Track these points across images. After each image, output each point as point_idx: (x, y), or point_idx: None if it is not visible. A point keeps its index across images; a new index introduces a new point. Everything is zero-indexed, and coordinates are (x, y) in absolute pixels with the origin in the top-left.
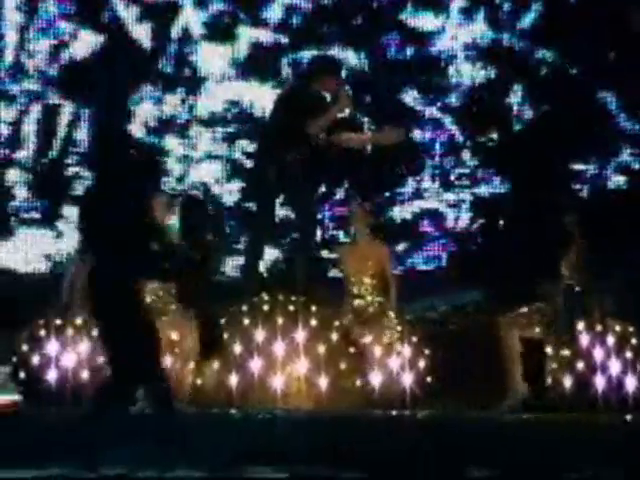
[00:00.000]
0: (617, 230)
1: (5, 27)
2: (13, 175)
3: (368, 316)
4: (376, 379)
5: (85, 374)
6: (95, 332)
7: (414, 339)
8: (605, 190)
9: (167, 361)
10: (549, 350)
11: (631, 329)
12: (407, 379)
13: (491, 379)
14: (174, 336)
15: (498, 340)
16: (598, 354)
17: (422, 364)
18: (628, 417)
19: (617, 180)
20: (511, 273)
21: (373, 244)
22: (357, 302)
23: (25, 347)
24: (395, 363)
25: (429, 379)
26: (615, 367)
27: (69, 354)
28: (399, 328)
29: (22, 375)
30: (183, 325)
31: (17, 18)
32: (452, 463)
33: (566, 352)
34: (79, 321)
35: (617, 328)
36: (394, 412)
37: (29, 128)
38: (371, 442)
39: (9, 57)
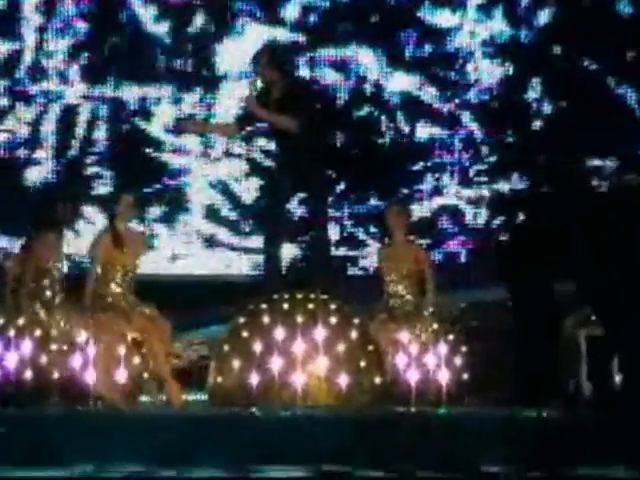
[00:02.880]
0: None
1: (24, 28)
2: (32, 175)
3: (403, 314)
4: (412, 377)
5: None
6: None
7: (450, 337)
8: (624, 186)
9: None
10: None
11: None
12: (443, 377)
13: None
14: None
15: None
16: None
17: (459, 362)
18: None
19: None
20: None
21: (410, 243)
22: (392, 301)
23: None
24: (430, 361)
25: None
26: None
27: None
28: (435, 326)
29: None
30: None
31: (36, 18)
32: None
33: None
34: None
35: None
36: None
37: (48, 128)
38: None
39: (28, 58)
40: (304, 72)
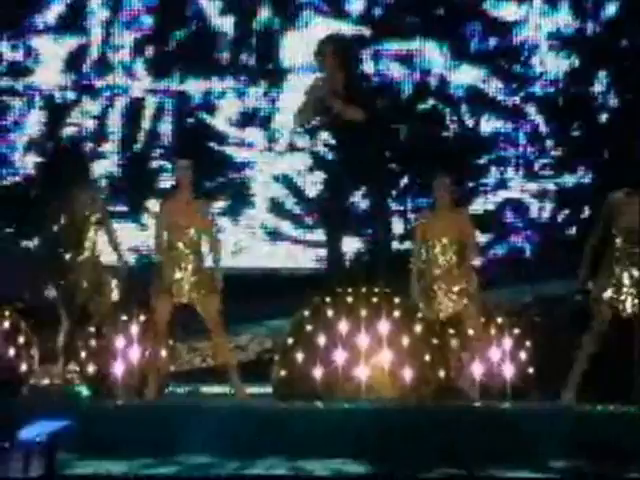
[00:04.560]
0: None
1: (91, 21)
2: (99, 168)
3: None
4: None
5: None
6: None
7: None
8: None
9: None
10: None
11: None
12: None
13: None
14: None
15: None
16: None
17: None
18: None
19: None
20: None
21: (455, 211)
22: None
23: None
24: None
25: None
26: None
27: None
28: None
29: None
30: None
31: (102, 12)
32: None
33: None
34: None
35: None
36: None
37: (114, 121)
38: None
39: (94, 52)
40: (368, 65)
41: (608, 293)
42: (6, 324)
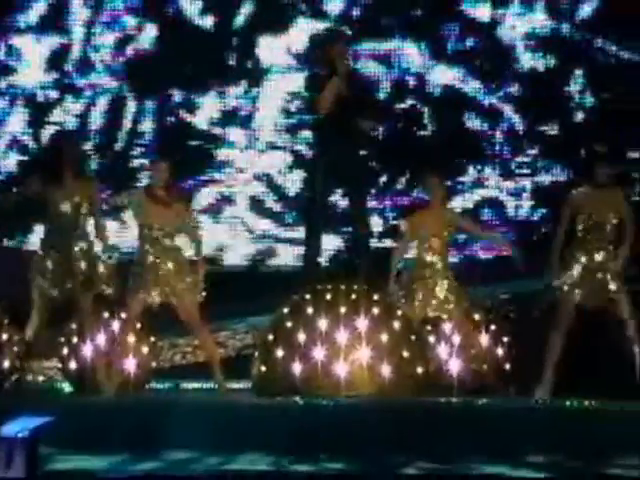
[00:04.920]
0: None
1: (72, 22)
2: None
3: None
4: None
5: None
6: None
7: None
8: None
9: None
10: None
11: None
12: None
13: None
14: None
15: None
16: None
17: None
18: None
19: None
20: None
21: (446, 209)
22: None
23: None
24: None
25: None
26: None
27: None
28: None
29: None
30: None
31: (84, 13)
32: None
33: None
34: None
35: None
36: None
37: (95, 120)
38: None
39: (76, 51)
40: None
41: (571, 286)
42: None
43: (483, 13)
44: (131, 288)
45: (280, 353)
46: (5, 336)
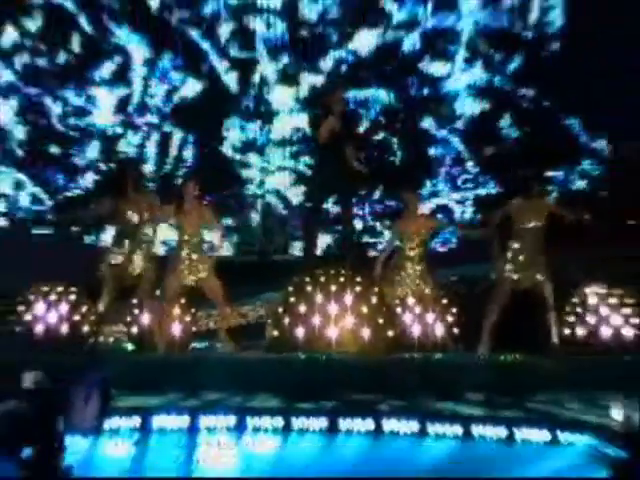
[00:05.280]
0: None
1: (133, 77)
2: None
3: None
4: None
5: None
6: None
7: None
8: (570, 191)
9: None
10: None
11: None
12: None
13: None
14: None
15: None
16: None
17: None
18: None
19: (579, 184)
20: None
21: (424, 215)
22: (408, 251)
23: None
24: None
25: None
26: None
27: None
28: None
29: None
30: None
31: (142, 70)
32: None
33: None
34: None
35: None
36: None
37: (150, 150)
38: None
39: (136, 98)
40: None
41: (507, 273)
42: (72, 297)
43: (437, 68)
44: (169, 273)
45: (287, 320)
46: (84, 309)
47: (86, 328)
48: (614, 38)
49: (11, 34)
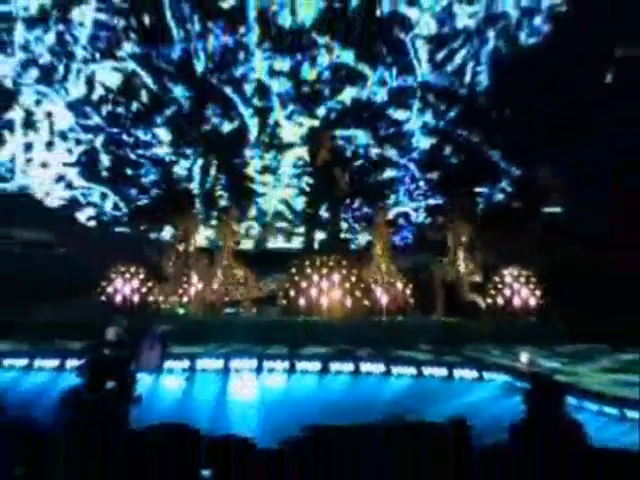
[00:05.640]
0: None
1: (183, 119)
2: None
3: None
4: (383, 300)
5: None
6: None
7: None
8: (492, 202)
9: None
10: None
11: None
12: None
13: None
14: None
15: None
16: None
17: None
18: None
19: (499, 197)
20: None
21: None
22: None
23: None
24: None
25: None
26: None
27: None
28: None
29: None
30: None
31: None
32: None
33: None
34: None
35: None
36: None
37: (195, 174)
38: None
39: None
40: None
41: (447, 267)
42: (141, 276)
43: (399, 115)
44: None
45: (292, 293)
46: (150, 284)
47: (151, 298)
48: (526, 95)
49: (99, 89)
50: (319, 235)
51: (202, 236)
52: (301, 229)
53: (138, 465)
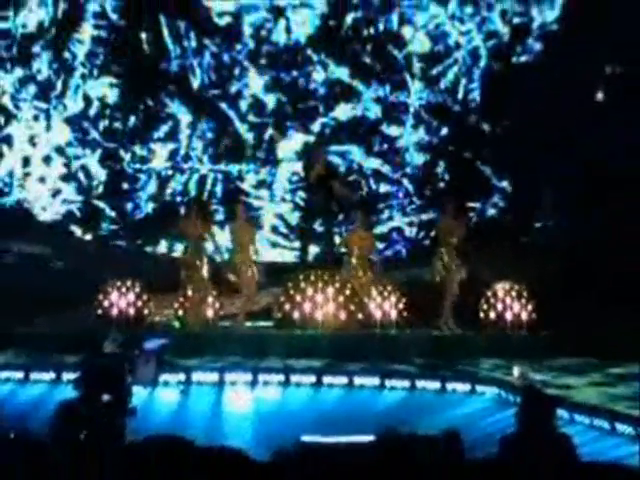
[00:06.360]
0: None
1: (180, 134)
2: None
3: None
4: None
5: None
6: None
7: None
8: (485, 217)
9: None
10: None
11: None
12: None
13: None
14: None
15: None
16: None
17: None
18: None
19: (491, 212)
20: None
21: (367, 233)
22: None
23: None
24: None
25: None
26: None
27: None
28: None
29: None
30: None
31: (186, 130)
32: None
33: None
34: None
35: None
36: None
37: (192, 185)
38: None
39: (182, 150)
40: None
41: (441, 272)
42: (136, 290)
43: (393, 131)
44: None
45: (287, 307)
46: (145, 297)
47: (146, 311)
48: (517, 111)
49: (95, 103)
50: (313, 248)
51: None
52: (296, 243)
53: (134, 477)
